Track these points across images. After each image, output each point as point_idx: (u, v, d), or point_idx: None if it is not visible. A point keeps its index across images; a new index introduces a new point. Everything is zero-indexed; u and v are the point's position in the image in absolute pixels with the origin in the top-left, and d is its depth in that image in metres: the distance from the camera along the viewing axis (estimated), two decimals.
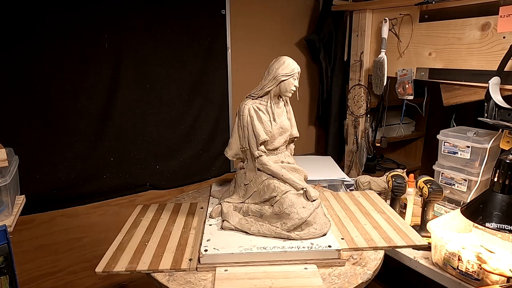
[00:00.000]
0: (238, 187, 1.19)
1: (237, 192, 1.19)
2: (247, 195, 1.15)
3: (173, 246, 1.05)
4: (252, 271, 0.94)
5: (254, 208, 1.10)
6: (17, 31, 1.41)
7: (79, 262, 1.72)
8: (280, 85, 1.11)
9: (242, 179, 1.18)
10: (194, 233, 1.12)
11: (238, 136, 1.16)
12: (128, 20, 1.62)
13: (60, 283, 1.69)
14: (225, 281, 0.90)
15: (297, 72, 1.12)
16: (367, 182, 1.67)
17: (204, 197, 1.42)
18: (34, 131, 1.51)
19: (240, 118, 1.13)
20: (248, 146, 1.12)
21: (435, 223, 1.19)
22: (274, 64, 1.12)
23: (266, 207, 1.08)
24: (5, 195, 1.08)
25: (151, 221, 1.21)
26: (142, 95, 1.73)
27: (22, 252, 1.56)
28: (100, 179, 1.70)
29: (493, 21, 1.38)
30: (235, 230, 1.08)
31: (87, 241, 1.73)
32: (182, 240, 1.08)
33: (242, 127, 1.13)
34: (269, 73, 1.12)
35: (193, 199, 1.40)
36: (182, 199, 1.43)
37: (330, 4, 2.08)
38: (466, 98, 1.53)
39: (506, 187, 0.98)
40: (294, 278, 0.91)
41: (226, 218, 1.10)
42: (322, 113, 2.37)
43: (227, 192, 1.26)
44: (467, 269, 1.05)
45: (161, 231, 1.14)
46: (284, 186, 1.08)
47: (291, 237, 1.01)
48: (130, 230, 1.16)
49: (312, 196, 1.07)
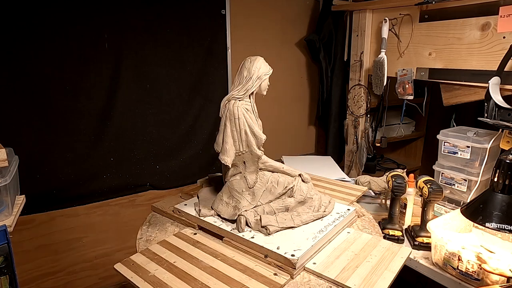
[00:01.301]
0: (239, 195, 1.13)
1: (239, 200, 1.12)
2: (256, 198, 1.12)
3: (241, 275, 0.91)
4: (330, 249, 1.01)
5: (276, 205, 1.12)
6: (17, 31, 1.41)
7: (79, 262, 1.72)
8: (262, 84, 1.14)
9: (242, 184, 1.13)
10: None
11: (233, 141, 1.11)
12: (128, 20, 1.62)
13: (60, 283, 1.69)
14: (329, 267, 0.93)
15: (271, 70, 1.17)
16: (367, 182, 1.67)
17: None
18: (34, 131, 1.51)
19: (235, 121, 1.09)
20: (247, 148, 1.11)
21: (435, 223, 1.20)
22: (254, 64, 1.12)
23: (288, 200, 1.13)
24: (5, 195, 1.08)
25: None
26: (142, 95, 1.73)
27: (22, 252, 1.55)
28: (100, 179, 1.70)
29: (493, 21, 1.38)
30: (280, 230, 1.06)
31: (87, 241, 1.73)
32: (249, 270, 0.93)
33: (239, 130, 1.09)
34: (251, 73, 1.11)
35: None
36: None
37: (330, 4, 2.09)
38: (466, 98, 1.53)
39: (506, 187, 0.98)
40: (354, 240, 1.07)
41: (268, 224, 1.05)
42: (322, 113, 2.38)
43: (220, 204, 1.15)
44: (467, 269, 1.05)
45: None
46: (288, 177, 1.16)
47: (324, 215, 1.13)
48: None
49: (306, 178, 1.19)
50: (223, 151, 1.11)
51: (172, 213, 1.23)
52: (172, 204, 1.26)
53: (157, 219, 1.25)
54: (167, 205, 1.29)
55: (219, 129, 1.13)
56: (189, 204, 1.24)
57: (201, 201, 1.23)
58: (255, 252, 0.99)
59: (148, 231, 1.17)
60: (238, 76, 1.14)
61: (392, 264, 0.96)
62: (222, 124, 1.12)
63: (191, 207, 1.22)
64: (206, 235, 1.11)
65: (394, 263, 0.96)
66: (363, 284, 0.87)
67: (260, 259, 0.97)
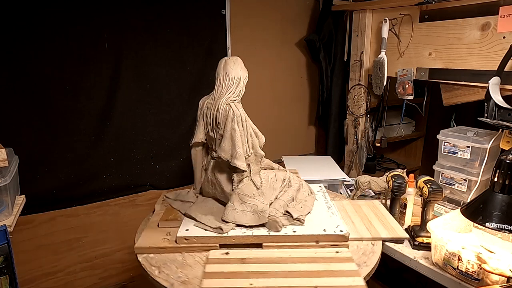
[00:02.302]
0: (251, 199, 1.09)
1: (254, 203, 1.09)
2: (266, 196, 1.11)
3: (317, 266, 0.95)
4: (344, 218, 1.22)
5: (285, 198, 1.15)
6: (17, 31, 1.41)
7: (79, 262, 1.72)
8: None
9: (251, 188, 1.10)
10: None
11: (242, 145, 1.07)
12: (128, 20, 1.62)
13: (60, 283, 1.69)
14: (358, 230, 1.16)
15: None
16: (367, 182, 1.66)
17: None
18: (34, 131, 1.51)
19: (243, 124, 1.06)
20: (252, 150, 1.10)
21: (435, 223, 1.19)
22: (239, 66, 1.11)
23: (290, 190, 1.18)
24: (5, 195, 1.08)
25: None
26: (142, 95, 1.73)
27: (22, 252, 1.55)
28: (100, 179, 1.70)
29: (493, 21, 1.38)
30: (305, 217, 1.14)
31: (87, 241, 1.73)
32: (317, 259, 0.99)
33: (246, 133, 1.07)
34: (240, 75, 1.10)
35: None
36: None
37: (330, 4, 2.08)
38: (466, 98, 1.53)
39: (506, 187, 0.98)
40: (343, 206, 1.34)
41: (298, 215, 1.10)
42: (322, 113, 2.37)
43: (235, 213, 1.08)
44: (467, 269, 1.05)
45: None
46: (279, 170, 1.25)
47: (314, 196, 1.28)
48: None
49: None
50: (237, 156, 1.04)
51: (170, 246, 1.03)
52: (153, 240, 1.05)
53: (160, 258, 1.02)
54: (151, 241, 1.04)
55: (223, 135, 1.06)
56: (190, 229, 1.07)
57: (201, 219, 1.10)
58: (305, 242, 1.04)
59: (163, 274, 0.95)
60: (224, 78, 1.09)
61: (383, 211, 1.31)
62: (227, 129, 1.06)
63: (195, 230, 1.07)
64: (237, 249, 1.02)
65: (382, 209, 1.34)
66: (386, 231, 1.18)
67: (311, 246, 1.02)
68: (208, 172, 1.19)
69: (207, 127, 1.15)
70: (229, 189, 1.11)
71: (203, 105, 1.17)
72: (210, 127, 1.13)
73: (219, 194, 1.16)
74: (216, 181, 1.14)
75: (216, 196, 1.18)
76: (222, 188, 1.13)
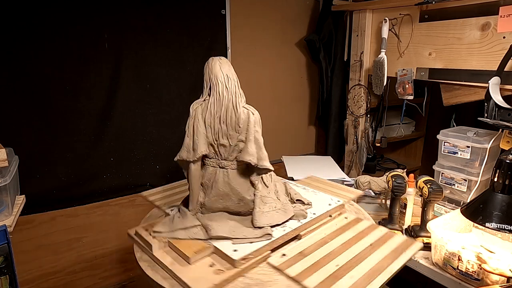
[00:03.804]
0: (269, 198, 1.08)
1: (273, 202, 1.08)
2: (272, 191, 1.11)
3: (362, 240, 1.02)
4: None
5: (283, 190, 1.17)
6: (17, 31, 1.41)
7: (79, 262, 1.72)
8: None
9: (264, 188, 1.08)
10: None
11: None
12: (128, 20, 1.62)
13: (60, 283, 1.69)
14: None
15: None
16: (367, 182, 1.67)
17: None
18: (34, 131, 1.51)
19: (260, 126, 1.03)
20: (260, 151, 1.06)
21: (435, 223, 1.20)
22: (231, 68, 1.07)
23: (277, 184, 1.18)
24: (5, 195, 1.08)
25: None
26: (142, 95, 1.73)
27: (22, 252, 1.55)
28: (100, 179, 1.70)
29: (493, 21, 1.38)
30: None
31: (87, 241, 1.73)
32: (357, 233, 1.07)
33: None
34: (235, 77, 1.07)
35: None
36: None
37: (330, 4, 2.09)
38: (466, 98, 1.53)
39: (506, 187, 0.98)
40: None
41: (307, 200, 1.17)
42: (322, 113, 2.37)
43: (266, 216, 1.03)
44: (467, 269, 1.05)
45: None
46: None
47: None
48: None
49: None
50: (263, 157, 1.00)
51: (230, 275, 0.87)
52: (206, 278, 0.85)
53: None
54: (205, 281, 0.83)
55: (246, 139, 1.01)
56: (238, 248, 0.93)
57: (235, 235, 0.99)
58: (323, 219, 1.12)
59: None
60: (227, 80, 1.05)
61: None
62: (251, 132, 1.01)
63: (242, 247, 0.94)
64: (283, 248, 0.99)
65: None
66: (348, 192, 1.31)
67: (328, 221, 1.12)
68: (215, 185, 1.05)
69: (214, 135, 1.04)
70: (250, 194, 1.04)
71: (198, 113, 1.05)
72: (221, 133, 1.03)
73: (234, 204, 1.05)
74: (231, 192, 1.04)
75: (229, 208, 1.06)
76: (242, 196, 1.04)
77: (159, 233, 1.01)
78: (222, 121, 1.03)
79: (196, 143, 1.04)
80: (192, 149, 1.05)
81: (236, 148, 1.03)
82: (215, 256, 0.94)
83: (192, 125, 1.06)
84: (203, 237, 0.99)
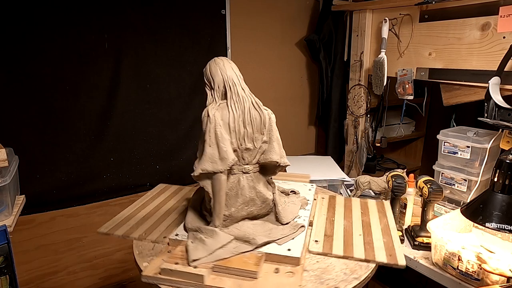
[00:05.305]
0: (283, 198, 1.10)
1: (287, 200, 1.10)
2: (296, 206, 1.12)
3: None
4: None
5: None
6: (17, 31, 1.41)
7: (79, 262, 1.72)
8: None
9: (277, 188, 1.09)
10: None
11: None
12: (128, 20, 1.62)
13: (60, 283, 1.69)
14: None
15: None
16: (367, 182, 1.67)
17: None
18: (34, 131, 1.51)
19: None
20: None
21: (435, 223, 1.19)
22: (237, 67, 1.07)
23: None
24: (5, 195, 1.08)
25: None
26: (142, 95, 1.73)
27: (22, 252, 1.55)
28: (100, 179, 1.70)
29: (493, 21, 1.38)
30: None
31: (87, 241, 1.73)
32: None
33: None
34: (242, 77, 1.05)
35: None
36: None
37: (330, 4, 2.08)
38: (466, 98, 1.53)
39: (506, 187, 0.98)
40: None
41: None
42: (322, 113, 2.37)
43: (292, 212, 1.05)
44: (467, 269, 1.05)
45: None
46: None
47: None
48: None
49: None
50: (283, 155, 1.03)
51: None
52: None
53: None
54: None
55: (270, 140, 1.02)
56: (290, 247, 0.92)
57: (275, 236, 0.96)
58: (315, 202, 1.18)
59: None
60: (239, 80, 1.04)
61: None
62: (273, 132, 1.02)
63: (291, 243, 0.94)
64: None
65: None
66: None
67: (316, 202, 1.18)
68: (242, 192, 1.00)
69: (240, 139, 0.98)
70: (270, 194, 1.03)
71: (217, 118, 0.96)
72: (247, 138, 0.99)
73: (257, 208, 1.01)
74: (256, 196, 1.01)
75: (252, 213, 1.02)
76: (265, 198, 1.01)
77: (197, 260, 0.90)
78: (247, 123, 0.97)
79: (224, 150, 0.93)
80: (219, 158, 0.93)
81: (260, 150, 1.00)
82: (270, 263, 0.90)
83: (214, 132, 0.93)
84: (249, 249, 0.93)
